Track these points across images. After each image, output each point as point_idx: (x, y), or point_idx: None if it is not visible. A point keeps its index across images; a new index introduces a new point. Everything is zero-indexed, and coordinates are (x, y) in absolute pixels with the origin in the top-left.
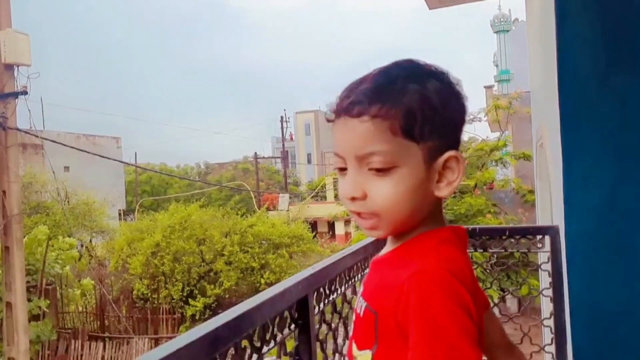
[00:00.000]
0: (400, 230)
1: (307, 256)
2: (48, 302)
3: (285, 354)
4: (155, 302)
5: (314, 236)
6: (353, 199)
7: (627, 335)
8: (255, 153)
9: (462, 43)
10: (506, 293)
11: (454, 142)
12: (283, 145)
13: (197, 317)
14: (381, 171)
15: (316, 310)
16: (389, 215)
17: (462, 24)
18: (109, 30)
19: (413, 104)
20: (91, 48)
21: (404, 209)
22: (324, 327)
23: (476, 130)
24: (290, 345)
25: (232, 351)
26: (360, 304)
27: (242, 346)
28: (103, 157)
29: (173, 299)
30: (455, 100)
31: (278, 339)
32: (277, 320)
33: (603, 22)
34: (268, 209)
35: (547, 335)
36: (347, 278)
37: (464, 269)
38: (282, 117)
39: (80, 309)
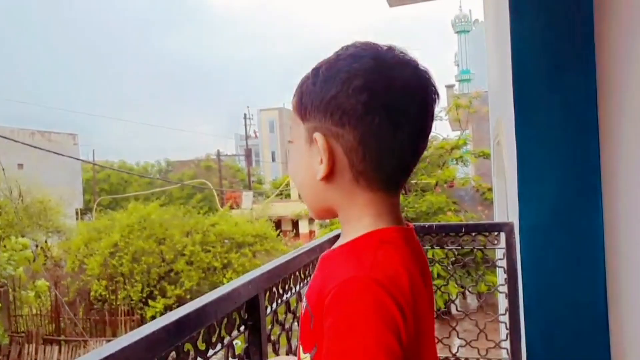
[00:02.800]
0: (320, 216)
1: (271, 255)
2: None
3: (234, 357)
4: (114, 303)
5: (278, 234)
6: None
7: (578, 332)
8: (218, 150)
9: (424, 42)
10: (464, 289)
11: (339, 125)
12: (246, 142)
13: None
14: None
15: (268, 310)
16: (301, 193)
17: (424, 22)
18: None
19: (302, 81)
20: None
21: (299, 185)
22: (278, 327)
23: (437, 129)
24: (241, 347)
25: (173, 355)
26: (304, 303)
27: (185, 349)
28: (59, 154)
29: (132, 300)
30: (347, 82)
31: (225, 341)
32: (224, 321)
33: (555, 21)
34: (231, 208)
35: (503, 331)
36: (302, 276)
37: (400, 277)
38: (245, 115)
39: (34, 311)
